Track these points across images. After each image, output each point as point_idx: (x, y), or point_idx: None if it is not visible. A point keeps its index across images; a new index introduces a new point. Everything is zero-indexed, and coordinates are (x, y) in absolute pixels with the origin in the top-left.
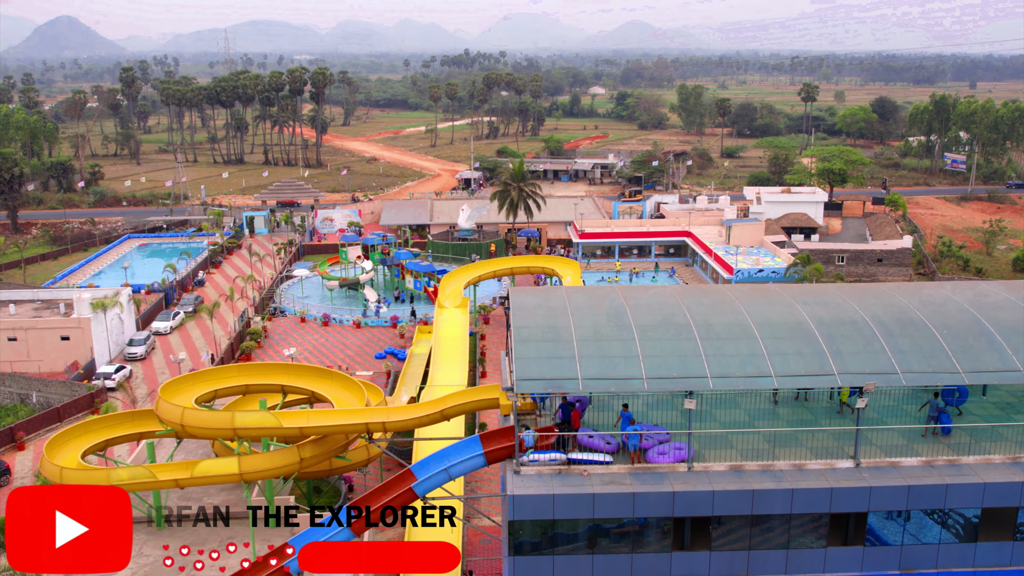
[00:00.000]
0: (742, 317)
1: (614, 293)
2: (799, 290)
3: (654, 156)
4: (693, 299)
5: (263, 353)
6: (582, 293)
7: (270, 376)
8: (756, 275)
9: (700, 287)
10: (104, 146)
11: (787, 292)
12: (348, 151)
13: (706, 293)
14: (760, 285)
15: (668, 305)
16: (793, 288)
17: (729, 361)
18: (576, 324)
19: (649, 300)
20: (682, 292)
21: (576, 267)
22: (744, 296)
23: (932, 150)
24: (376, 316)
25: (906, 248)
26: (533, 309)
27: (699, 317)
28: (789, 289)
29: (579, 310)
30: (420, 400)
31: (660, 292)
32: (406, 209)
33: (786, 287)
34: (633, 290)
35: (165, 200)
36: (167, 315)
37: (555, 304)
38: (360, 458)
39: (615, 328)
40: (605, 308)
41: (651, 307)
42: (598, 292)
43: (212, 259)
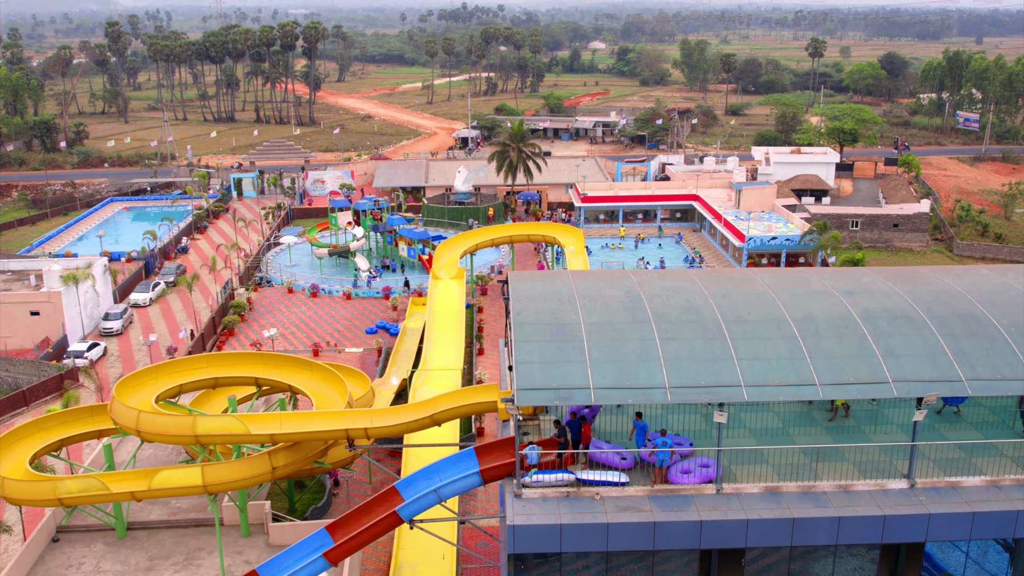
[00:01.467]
0: (777, 309)
1: (628, 279)
2: (837, 276)
3: (657, 114)
4: (718, 286)
5: (247, 328)
6: (592, 279)
7: (242, 367)
8: (769, 243)
9: (725, 271)
10: (91, 104)
11: (824, 279)
12: (342, 108)
13: (732, 279)
14: (793, 271)
15: (690, 294)
16: (829, 273)
17: (765, 366)
18: (586, 318)
19: (668, 287)
20: (705, 277)
21: (579, 235)
22: (776, 283)
23: (943, 108)
24: (367, 286)
25: (923, 213)
26: (536, 299)
27: (727, 309)
28: (825, 275)
29: (589, 300)
30: (412, 384)
31: (680, 277)
32: (400, 171)
33: (822, 272)
34: (649, 275)
35: (151, 160)
36: (146, 286)
37: (561, 292)
38: (342, 456)
39: (631, 323)
40: (619, 297)
41: (671, 296)
42: (610, 277)
43: (196, 224)
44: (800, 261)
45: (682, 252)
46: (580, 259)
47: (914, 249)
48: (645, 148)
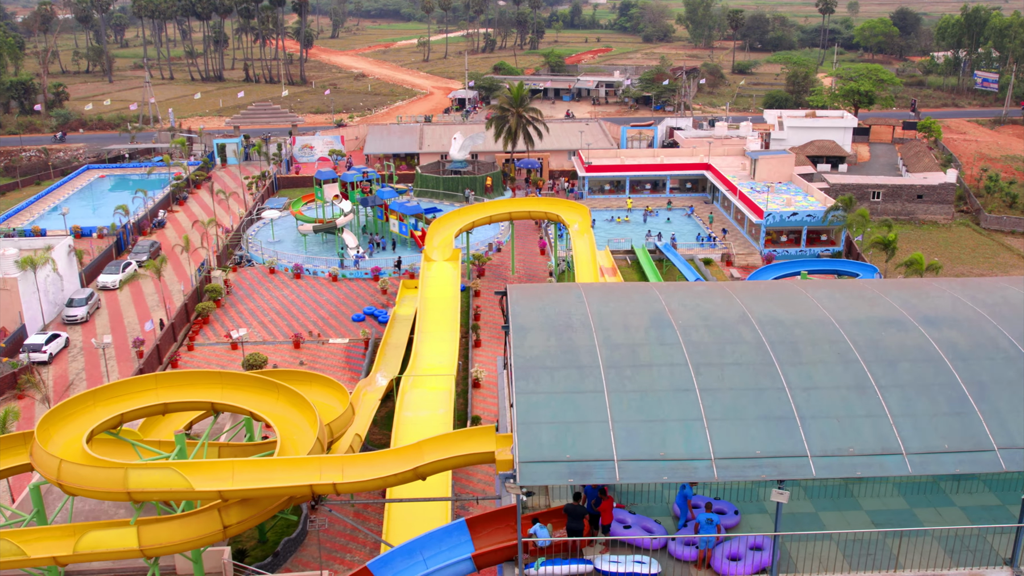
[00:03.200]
0: (842, 343)
1: (653, 297)
2: (910, 296)
3: (663, 74)
4: (765, 309)
5: (223, 315)
6: (609, 298)
7: (196, 390)
8: (789, 219)
9: (768, 286)
10: (75, 62)
11: (892, 297)
12: (335, 66)
13: (781, 298)
14: (851, 286)
15: (732, 321)
16: (896, 290)
17: (836, 427)
18: (606, 358)
19: (701, 307)
20: (746, 294)
21: (585, 212)
22: (836, 306)
23: (959, 67)
24: (355, 267)
25: (949, 184)
26: (543, 328)
27: (780, 343)
28: (892, 292)
29: (608, 330)
30: (400, 388)
31: (715, 294)
32: (393, 136)
33: (886, 288)
34: (678, 293)
35: (134, 123)
36: (116, 266)
37: (573, 318)
38: None
39: (664, 365)
40: (644, 326)
41: (706, 319)
42: (631, 295)
43: (175, 195)
44: (822, 239)
45: (693, 227)
46: (585, 238)
47: (939, 222)
48: (651, 110)
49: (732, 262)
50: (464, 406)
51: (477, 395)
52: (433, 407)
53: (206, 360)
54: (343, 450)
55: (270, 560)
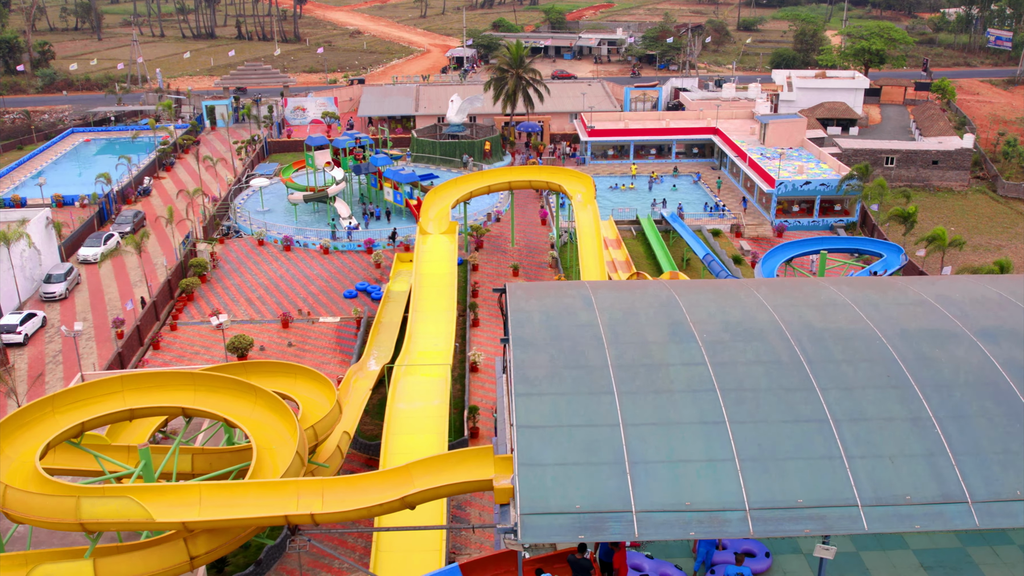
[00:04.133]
0: (891, 362)
1: (669, 297)
2: (958, 298)
3: (667, 31)
4: (795, 314)
5: (208, 291)
6: (622, 303)
7: (166, 394)
8: (802, 188)
9: (795, 285)
10: (63, 19)
11: (940, 300)
12: (330, 23)
13: (815, 302)
14: (890, 283)
15: (758, 326)
16: (941, 289)
17: (890, 468)
18: (619, 377)
19: (726, 314)
20: (774, 296)
21: (588, 183)
22: (880, 314)
23: (971, 25)
24: (348, 238)
25: (966, 149)
26: (548, 344)
27: (820, 361)
28: (939, 293)
29: (621, 342)
30: (393, 377)
31: (738, 297)
32: (389, 97)
33: (930, 287)
34: (697, 294)
35: (122, 84)
36: (97, 238)
37: (582, 329)
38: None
39: (686, 391)
40: (662, 334)
41: (732, 330)
42: (646, 297)
43: (162, 160)
44: (836, 208)
45: (701, 195)
46: (589, 210)
47: (954, 189)
48: (655, 69)
49: (742, 233)
50: (461, 392)
51: (475, 380)
52: (428, 397)
53: (189, 341)
54: (330, 451)
55: (252, 569)
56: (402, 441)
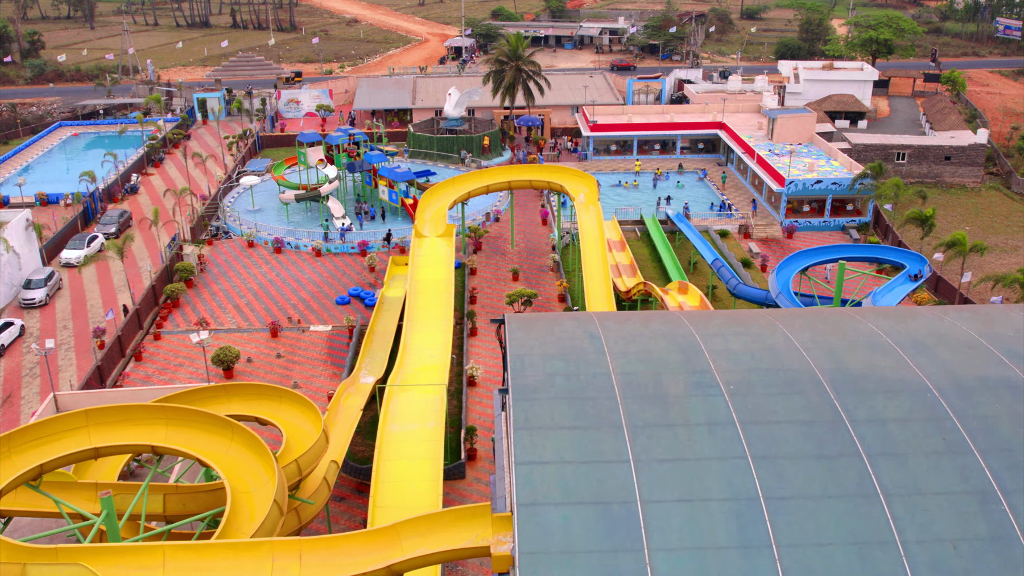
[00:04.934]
0: (944, 420)
1: (687, 335)
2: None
3: (670, 20)
4: (831, 358)
5: (195, 297)
6: (635, 344)
7: (135, 429)
8: (812, 187)
9: (827, 319)
10: (55, 7)
11: (991, 339)
12: (327, 11)
13: (849, 341)
14: (926, 315)
15: (791, 373)
16: (992, 325)
17: (952, 557)
18: (635, 439)
19: (755, 358)
20: (805, 333)
21: (591, 183)
22: (923, 354)
23: (979, 13)
24: (341, 240)
25: (980, 144)
26: (553, 396)
27: (862, 414)
28: (984, 328)
29: (637, 396)
30: (386, 395)
31: (764, 334)
32: (385, 90)
33: (972, 319)
34: (718, 330)
35: (113, 74)
36: (81, 240)
37: (591, 378)
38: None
39: (711, 451)
40: (683, 385)
41: (762, 378)
42: (660, 337)
43: (151, 156)
44: (848, 208)
45: (707, 193)
46: (592, 212)
47: (967, 186)
48: (658, 59)
49: (750, 234)
50: (458, 409)
51: (472, 395)
52: (422, 418)
53: (173, 352)
54: (315, 485)
55: None
56: (395, 467)
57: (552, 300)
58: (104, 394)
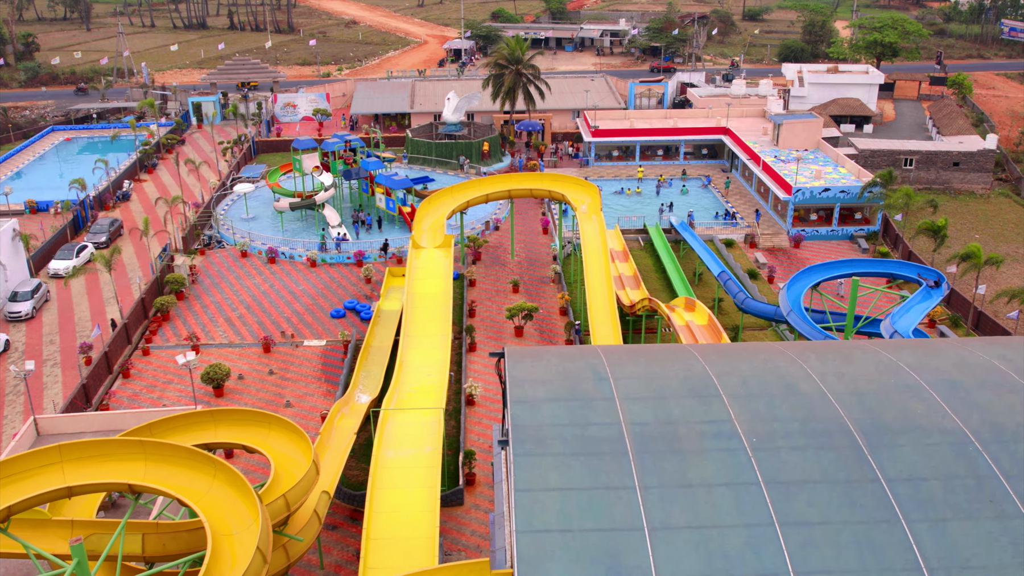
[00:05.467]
0: (987, 477)
1: (703, 375)
2: None
3: (672, 22)
4: (858, 399)
5: (186, 310)
6: (647, 388)
7: (112, 465)
8: (820, 195)
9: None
10: (51, 8)
11: None
12: (325, 12)
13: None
14: (957, 350)
15: (817, 420)
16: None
17: None
18: (649, 503)
19: (774, 400)
20: (826, 368)
21: (594, 192)
22: (954, 391)
23: (984, 14)
24: (336, 249)
25: (989, 151)
26: (558, 450)
27: (896, 469)
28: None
29: (649, 447)
30: (381, 418)
31: (786, 369)
32: (383, 93)
33: (1008, 352)
34: (732, 365)
35: (108, 76)
36: (70, 250)
37: (599, 428)
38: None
39: (731, 508)
40: (699, 435)
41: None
42: (674, 380)
43: (143, 162)
44: (856, 217)
45: (711, 200)
46: (594, 222)
47: (976, 192)
48: (659, 61)
49: (756, 244)
50: (456, 431)
51: (471, 415)
52: (419, 442)
53: (163, 369)
54: (304, 520)
55: None
56: (389, 496)
57: (554, 314)
58: (86, 418)
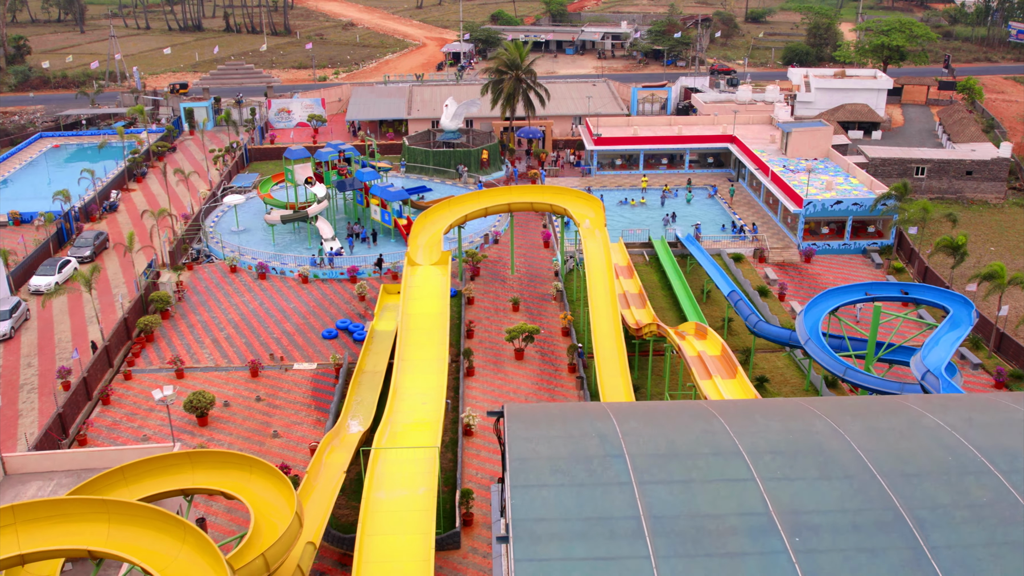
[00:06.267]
0: None
1: (730, 447)
2: None
3: (674, 25)
4: (909, 480)
5: (171, 330)
6: (666, 465)
7: (72, 527)
8: (832, 208)
9: (889, 419)
10: (45, 10)
11: None
12: (323, 14)
13: (919, 448)
14: (999, 407)
15: (869, 509)
16: None
17: None
18: None
19: (811, 478)
20: (869, 437)
21: (598, 207)
22: (1005, 461)
23: (990, 16)
24: (330, 265)
25: (1003, 159)
26: (567, 543)
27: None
28: None
29: (670, 535)
30: (372, 458)
31: (823, 437)
32: (380, 99)
33: None
34: (760, 432)
35: (101, 80)
36: (52, 266)
37: (613, 509)
38: None
39: None
40: (726, 518)
41: (829, 507)
42: (699, 456)
43: (132, 171)
44: (869, 230)
45: (718, 212)
46: (598, 238)
47: (990, 202)
48: (662, 65)
49: (766, 258)
50: (452, 464)
51: (468, 446)
52: (412, 483)
53: (144, 395)
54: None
55: None
56: (380, 544)
57: (556, 334)
58: (57, 456)
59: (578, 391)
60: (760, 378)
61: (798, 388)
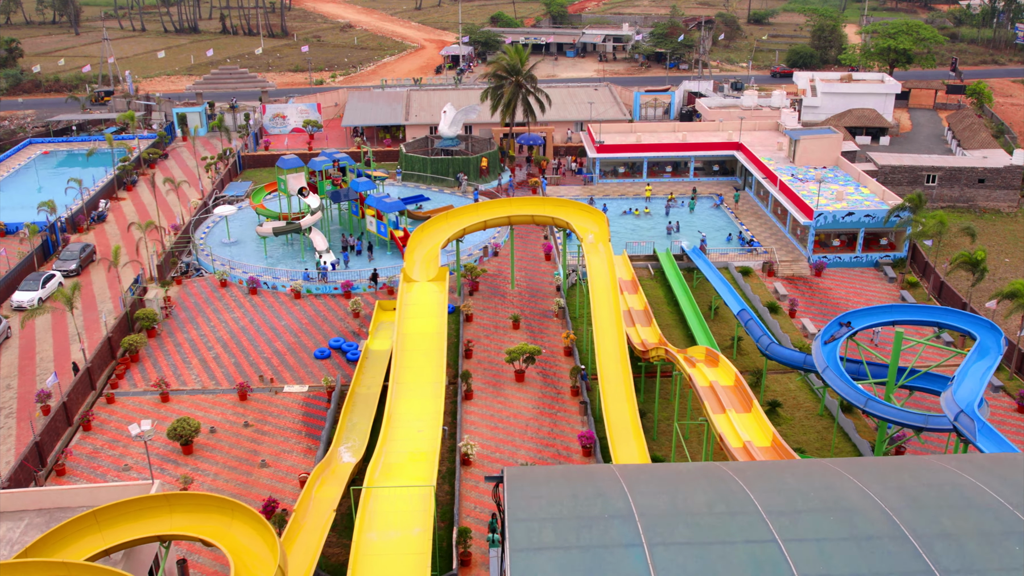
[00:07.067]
0: None
1: (756, 524)
2: None
3: (677, 27)
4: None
5: (157, 349)
6: (680, 532)
7: None
8: (843, 220)
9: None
10: (39, 12)
11: None
12: (320, 15)
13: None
14: None
15: None
16: None
17: None
18: None
19: (851, 562)
20: (900, 500)
21: (601, 220)
22: None
23: (996, 18)
24: (323, 280)
25: (1016, 167)
26: None
27: None
28: None
29: None
30: (363, 497)
31: (854, 514)
32: (377, 105)
33: None
34: (780, 497)
35: (94, 84)
36: (35, 280)
37: None
38: None
39: None
40: None
41: None
42: (719, 529)
43: (122, 179)
44: (882, 242)
45: (724, 222)
46: (602, 253)
47: (1002, 211)
48: (664, 68)
49: (775, 272)
50: (449, 497)
51: (467, 478)
52: (406, 523)
53: (127, 420)
54: None
55: None
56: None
57: (558, 354)
58: (27, 495)
59: (581, 416)
60: (772, 402)
61: (811, 412)
